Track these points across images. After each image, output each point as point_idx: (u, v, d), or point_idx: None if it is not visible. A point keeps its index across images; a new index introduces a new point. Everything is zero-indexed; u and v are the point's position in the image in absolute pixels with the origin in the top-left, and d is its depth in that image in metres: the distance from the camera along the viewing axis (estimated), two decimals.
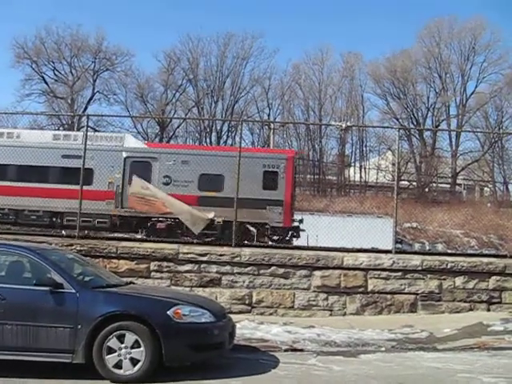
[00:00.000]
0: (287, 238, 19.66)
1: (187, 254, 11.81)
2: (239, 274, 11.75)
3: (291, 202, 19.84)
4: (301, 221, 20.44)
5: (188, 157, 19.98)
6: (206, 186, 19.44)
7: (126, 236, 17.57)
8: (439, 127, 47.48)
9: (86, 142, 13.12)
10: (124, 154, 20.00)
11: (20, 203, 19.20)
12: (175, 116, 50.40)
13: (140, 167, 19.44)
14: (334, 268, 11.79)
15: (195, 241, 13.17)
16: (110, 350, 6.81)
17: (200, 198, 18.66)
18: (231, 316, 8.29)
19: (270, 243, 17.95)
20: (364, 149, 49.33)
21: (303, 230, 20.29)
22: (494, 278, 11.89)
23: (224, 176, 18.72)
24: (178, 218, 15.79)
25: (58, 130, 45.98)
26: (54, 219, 19.96)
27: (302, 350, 8.95)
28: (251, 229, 18.48)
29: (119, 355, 6.80)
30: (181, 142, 48.57)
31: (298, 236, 20.22)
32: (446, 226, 29.84)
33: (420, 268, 11.83)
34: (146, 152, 20.60)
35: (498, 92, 46.05)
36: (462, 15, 59.31)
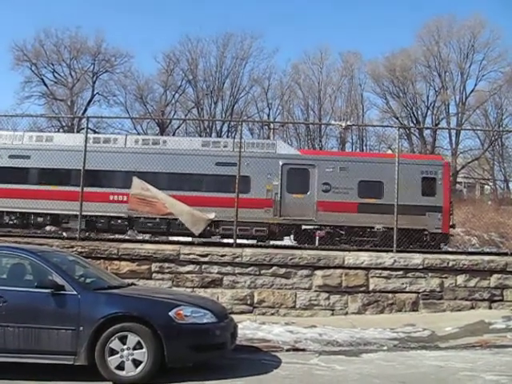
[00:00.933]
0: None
1: (188, 254, 11.81)
2: (240, 274, 11.76)
3: (449, 208, 19.81)
4: (453, 226, 20.30)
5: (346, 163, 19.97)
6: (365, 193, 19.46)
7: (126, 237, 17.58)
8: (439, 126, 47.43)
9: (84, 143, 13.14)
10: (281, 162, 19.95)
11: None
12: (175, 117, 50.49)
13: (297, 174, 19.67)
14: (336, 267, 11.80)
15: (196, 241, 13.16)
16: (112, 352, 6.82)
17: (360, 205, 18.96)
18: (233, 316, 8.29)
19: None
20: (364, 148, 49.28)
21: (452, 235, 20.36)
22: (495, 276, 11.90)
23: (383, 182, 18.51)
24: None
25: (58, 131, 46.03)
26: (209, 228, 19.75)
27: (304, 350, 8.95)
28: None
29: (121, 357, 6.81)
30: None
31: (447, 242, 20.19)
32: None
33: (421, 267, 11.84)
34: (303, 159, 20.56)
35: (497, 90, 45.98)
36: (461, 13, 59.31)
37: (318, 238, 19.02)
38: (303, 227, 19.51)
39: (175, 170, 18.68)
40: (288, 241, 19.39)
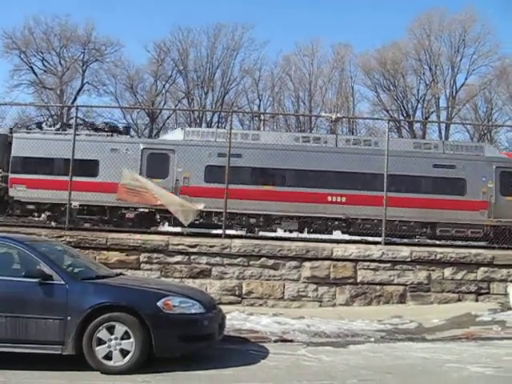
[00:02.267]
0: None
1: (177, 245, 11.81)
2: (229, 265, 11.78)
3: None
4: None
5: None
6: None
7: (114, 228, 17.54)
8: (429, 119, 47.48)
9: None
10: (494, 165, 19.82)
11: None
12: (165, 107, 50.14)
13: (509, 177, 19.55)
14: (324, 259, 11.84)
15: (185, 232, 13.16)
16: (100, 342, 6.82)
17: None
18: (221, 307, 8.31)
19: (261, 234, 17.98)
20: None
21: None
22: (482, 269, 11.99)
23: None
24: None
25: (47, 120, 45.73)
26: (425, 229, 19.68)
27: (291, 341, 8.99)
28: None
29: (109, 346, 6.82)
30: (170, 133, 48.29)
31: None
32: None
33: (409, 259, 11.91)
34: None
35: (487, 84, 46.06)
36: (453, 7, 59.45)
37: None
38: None
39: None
40: None
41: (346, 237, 17.45)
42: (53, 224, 17.72)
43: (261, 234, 18.08)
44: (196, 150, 18.90)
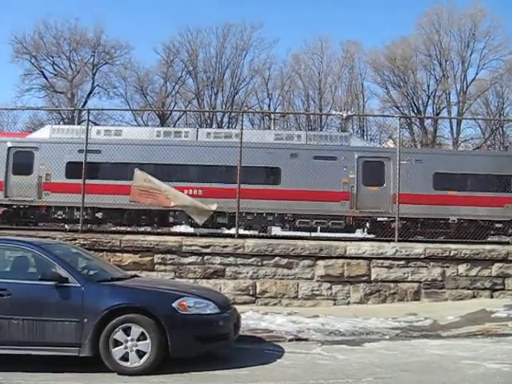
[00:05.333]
0: None
1: (190, 246, 11.85)
2: (243, 265, 11.81)
3: None
4: None
5: None
6: None
7: (129, 229, 17.63)
8: (440, 115, 47.18)
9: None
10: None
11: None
12: (175, 108, 50.23)
13: None
14: (337, 257, 11.83)
15: (198, 233, 13.21)
16: (117, 343, 6.87)
17: None
18: (235, 307, 8.32)
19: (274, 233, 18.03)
20: (365, 138, 49.20)
21: None
22: (496, 265, 11.94)
23: None
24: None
25: (59, 124, 46.01)
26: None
27: (306, 340, 9.00)
28: None
29: (125, 348, 6.87)
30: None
31: None
32: None
33: (423, 256, 11.88)
34: None
35: (498, 78, 45.72)
36: (462, 2, 58.92)
37: None
38: None
39: None
40: None
41: (359, 235, 17.50)
42: (66, 227, 17.86)
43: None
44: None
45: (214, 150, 19.03)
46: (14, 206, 19.86)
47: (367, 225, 19.48)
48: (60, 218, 19.52)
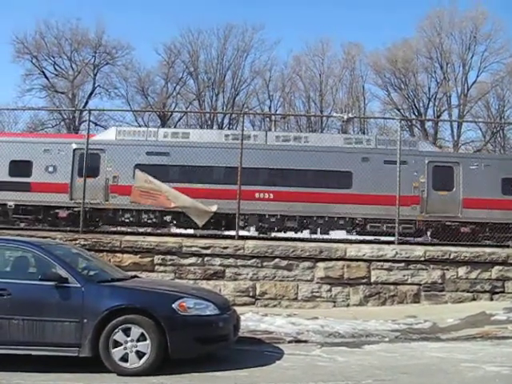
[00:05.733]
0: None
1: (191, 247, 11.86)
2: (243, 266, 11.81)
3: None
4: None
5: None
6: None
7: (129, 230, 17.64)
8: (440, 117, 47.24)
9: None
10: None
11: None
12: (176, 109, 50.24)
13: None
14: (337, 259, 11.84)
15: (198, 234, 13.22)
16: (116, 344, 6.87)
17: None
18: (235, 308, 8.33)
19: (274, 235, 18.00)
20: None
21: None
22: (496, 267, 11.94)
23: None
24: None
25: (59, 124, 46.01)
26: None
27: (306, 342, 9.00)
28: None
29: (125, 348, 6.87)
30: None
31: None
32: None
33: (423, 259, 11.88)
34: None
35: (499, 81, 45.73)
36: (463, 4, 58.99)
37: None
38: None
39: None
40: None
41: (359, 237, 17.48)
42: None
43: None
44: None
45: (283, 154, 18.97)
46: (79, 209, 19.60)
47: (432, 229, 19.38)
48: (127, 220, 19.32)
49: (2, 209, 19.22)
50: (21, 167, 18.60)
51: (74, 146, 19.40)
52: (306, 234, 18.82)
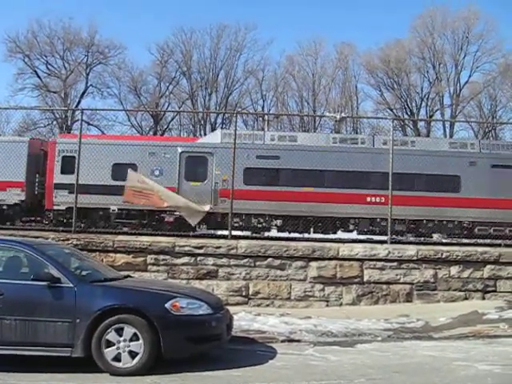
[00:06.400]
0: None
1: (184, 246, 11.85)
2: (236, 266, 11.81)
3: None
4: None
5: None
6: None
7: (121, 230, 17.59)
8: (433, 117, 47.39)
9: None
10: None
11: None
12: (169, 109, 50.15)
13: None
14: (330, 259, 11.86)
15: (191, 233, 13.22)
16: (109, 344, 6.86)
17: None
18: (228, 308, 8.33)
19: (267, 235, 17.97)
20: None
21: None
22: (488, 266, 11.99)
23: None
24: None
25: (52, 124, 45.83)
26: None
27: (299, 341, 9.01)
28: None
29: (118, 348, 6.86)
30: (175, 134, 48.51)
31: None
32: None
33: (415, 258, 11.92)
34: None
35: (491, 81, 45.94)
36: (456, 5, 59.01)
37: None
38: None
39: None
40: None
41: (353, 236, 17.47)
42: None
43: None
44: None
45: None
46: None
47: None
48: (236, 225, 18.77)
49: (104, 213, 18.85)
50: (125, 170, 18.13)
51: (180, 149, 19.15)
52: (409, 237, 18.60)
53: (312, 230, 18.46)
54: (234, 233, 13.12)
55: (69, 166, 17.73)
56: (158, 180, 16.35)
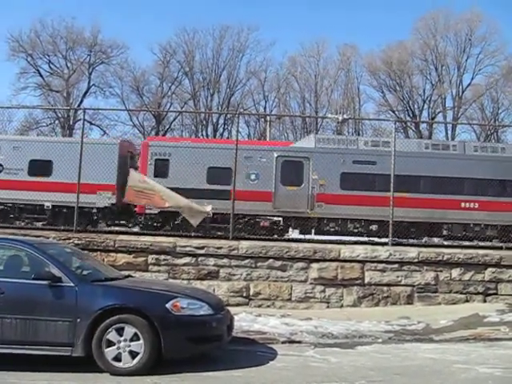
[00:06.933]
0: None
1: (185, 247, 11.84)
2: (237, 266, 11.80)
3: None
4: None
5: None
6: None
7: (122, 229, 17.60)
8: (435, 119, 47.40)
9: None
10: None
11: None
12: (171, 109, 50.19)
13: None
14: (331, 260, 11.84)
15: (192, 234, 13.21)
16: (110, 343, 6.86)
17: None
18: (229, 308, 8.32)
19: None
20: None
21: None
22: (489, 269, 11.97)
23: None
24: None
25: (54, 123, 45.87)
26: None
27: (299, 342, 9.00)
28: None
29: (118, 348, 6.85)
30: (177, 134, 48.58)
31: None
32: None
33: (416, 260, 11.90)
34: None
35: (494, 84, 45.94)
36: (458, 7, 58.98)
37: None
38: None
39: None
40: None
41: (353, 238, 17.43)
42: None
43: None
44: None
45: (484, 164, 18.88)
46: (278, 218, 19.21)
47: None
48: (332, 230, 18.89)
49: None
50: (220, 174, 17.74)
51: (276, 153, 19.05)
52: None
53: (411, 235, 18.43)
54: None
55: (162, 168, 18.04)
56: (254, 184, 16.02)
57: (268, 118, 33.55)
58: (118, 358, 6.84)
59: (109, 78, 49.50)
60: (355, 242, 13.51)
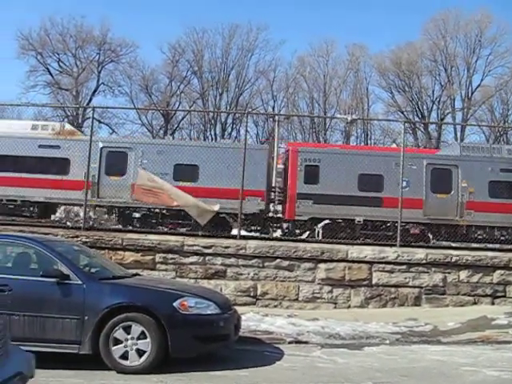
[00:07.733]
0: None
1: (192, 246, 11.85)
2: (244, 266, 11.80)
3: None
4: None
5: None
6: None
7: (130, 228, 17.62)
8: (444, 120, 47.25)
9: None
10: None
11: None
12: (180, 108, 50.25)
13: None
14: (339, 261, 11.82)
15: (200, 233, 13.21)
16: (117, 341, 6.87)
17: None
18: (236, 308, 8.32)
19: (275, 235, 17.88)
20: (369, 142, 49.12)
21: None
22: (498, 271, 11.91)
23: None
24: None
25: (63, 121, 46.00)
26: None
27: (306, 343, 9.00)
28: None
29: (125, 346, 6.87)
30: (185, 133, 48.74)
31: None
32: None
33: (424, 261, 11.86)
34: None
35: (503, 85, 45.71)
36: (468, 8, 58.68)
37: None
38: None
39: None
40: None
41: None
42: (68, 224, 17.81)
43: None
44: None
45: None
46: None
47: None
48: (480, 237, 18.42)
49: (345, 223, 18.20)
50: (371, 181, 17.80)
51: (425, 161, 18.78)
52: None
53: None
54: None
55: (312, 175, 17.98)
56: (405, 191, 16.19)
57: (276, 117, 33.45)
58: (124, 356, 6.86)
59: (118, 76, 49.68)
60: (363, 243, 13.43)
